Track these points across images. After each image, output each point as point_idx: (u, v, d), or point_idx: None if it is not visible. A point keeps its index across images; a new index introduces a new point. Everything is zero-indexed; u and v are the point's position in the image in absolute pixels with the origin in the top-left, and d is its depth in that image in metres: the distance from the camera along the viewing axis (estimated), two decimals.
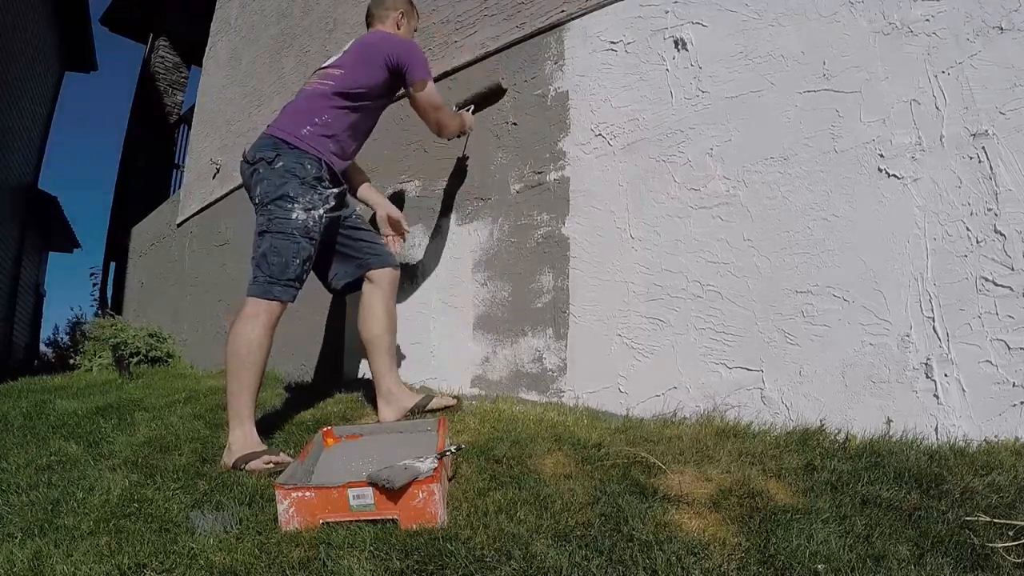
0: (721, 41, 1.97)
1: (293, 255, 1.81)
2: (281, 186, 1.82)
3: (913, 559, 1.04)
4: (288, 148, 1.87)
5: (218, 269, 4.34)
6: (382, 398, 2.04)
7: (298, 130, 1.90)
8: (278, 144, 1.88)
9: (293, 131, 1.90)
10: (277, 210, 1.81)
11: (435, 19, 2.86)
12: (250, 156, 1.91)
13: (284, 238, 1.81)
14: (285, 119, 1.95)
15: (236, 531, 1.27)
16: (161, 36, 7.74)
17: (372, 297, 2.08)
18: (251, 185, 1.91)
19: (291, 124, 1.92)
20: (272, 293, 1.79)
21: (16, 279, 9.87)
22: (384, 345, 2.06)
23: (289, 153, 1.87)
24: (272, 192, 1.82)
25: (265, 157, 1.86)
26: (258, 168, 1.87)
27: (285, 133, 1.90)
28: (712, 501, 1.28)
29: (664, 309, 2.01)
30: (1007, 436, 1.44)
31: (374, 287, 2.08)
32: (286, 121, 1.94)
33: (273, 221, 1.81)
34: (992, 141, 1.53)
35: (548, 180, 2.34)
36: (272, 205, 1.82)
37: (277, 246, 1.80)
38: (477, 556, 1.09)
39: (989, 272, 1.51)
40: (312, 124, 1.92)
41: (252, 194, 1.91)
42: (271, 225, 1.81)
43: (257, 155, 1.88)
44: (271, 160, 1.85)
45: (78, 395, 2.91)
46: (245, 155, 1.94)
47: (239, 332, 1.75)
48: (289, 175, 1.84)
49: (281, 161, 1.85)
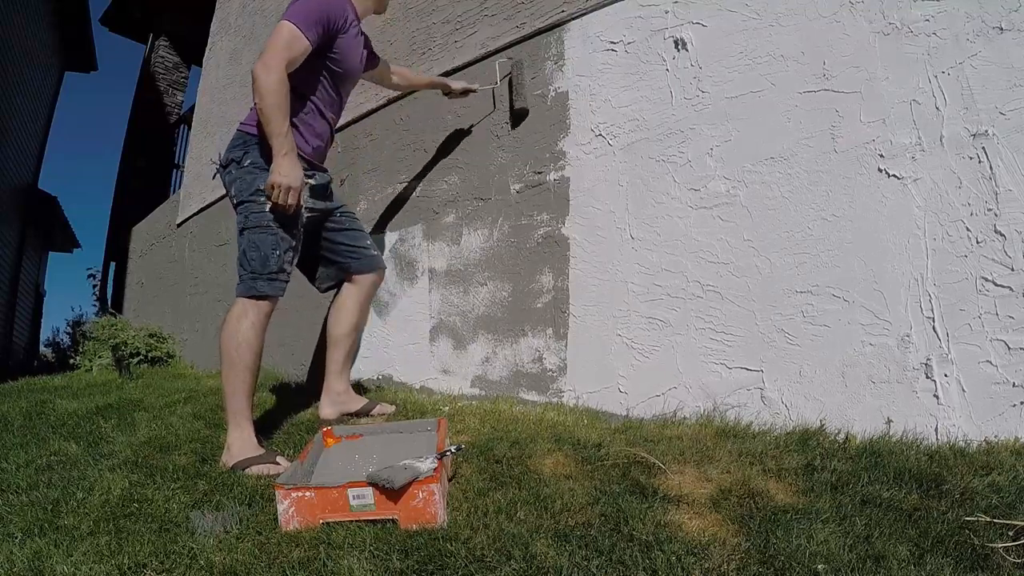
0: (721, 41, 1.97)
1: (272, 247, 1.77)
2: (253, 182, 1.79)
3: (913, 559, 1.04)
4: (255, 141, 1.82)
5: (218, 269, 4.33)
6: (328, 396, 2.07)
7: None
8: (247, 140, 1.84)
9: (253, 121, 1.84)
10: (252, 206, 1.79)
11: (435, 19, 2.86)
12: (223, 159, 1.87)
13: (261, 231, 1.78)
14: (250, 111, 1.89)
15: (236, 531, 1.27)
16: (161, 36, 7.75)
17: (349, 297, 2.09)
18: (227, 186, 1.88)
19: (251, 115, 1.86)
20: (257, 289, 1.76)
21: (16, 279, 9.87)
22: (347, 345, 2.09)
23: (256, 147, 1.82)
24: (246, 189, 1.80)
25: (235, 157, 1.83)
26: (230, 169, 1.84)
27: (249, 126, 1.85)
28: (712, 501, 1.28)
29: (664, 309, 2.01)
30: (1007, 436, 1.45)
31: (353, 287, 2.09)
32: (250, 113, 1.88)
33: (249, 218, 1.79)
34: (992, 141, 1.53)
35: (548, 180, 2.34)
36: (247, 201, 1.80)
37: (255, 240, 1.77)
38: (477, 556, 1.09)
39: (989, 272, 1.51)
40: None
41: (228, 194, 1.89)
42: (248, 222, 1.79)
43: (229, 156, 1.85)
44: (240, 159, 1.82)
45: (78, 395, 2.91)
46: (217, 158, 1.90)
47: (229, 333, 1.74)
48: (258, 170, 1.80)
49: (249, 158, 1.81)
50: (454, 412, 2.04)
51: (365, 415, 2.06)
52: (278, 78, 1.69)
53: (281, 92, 1.70)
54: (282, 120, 1.71)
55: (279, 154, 1.71)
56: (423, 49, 2.89)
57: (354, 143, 3.12)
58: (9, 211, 9.12)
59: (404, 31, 2.98)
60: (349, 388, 2.13)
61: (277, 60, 1.69)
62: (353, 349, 2.13)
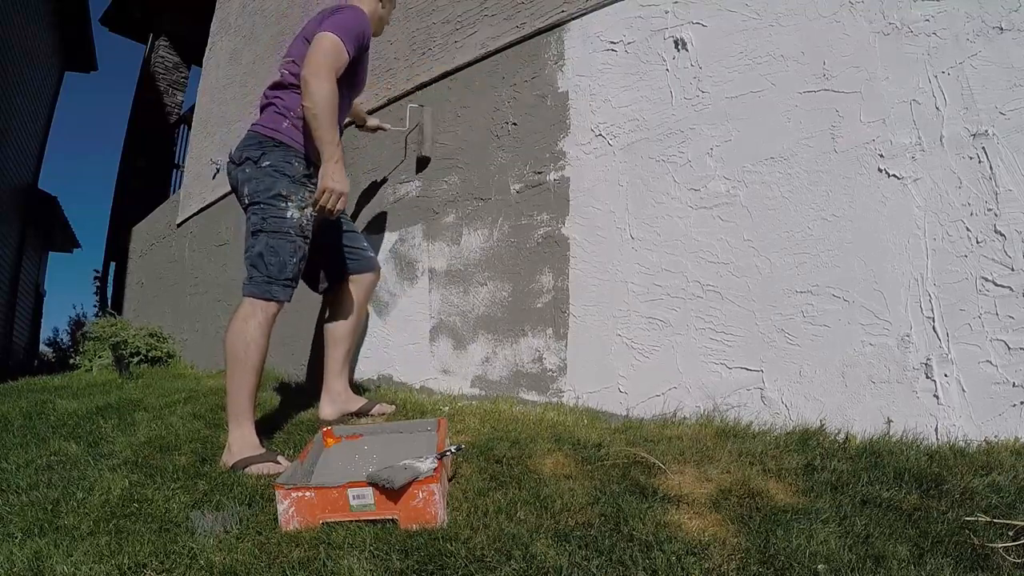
0: (721, 41, 1.97)
1: (290, 254, 1.80)
2: (272, 185, 1.81)
3: (913, 559, 1.04)
4: (273, 144, 1.85)
5: (218, 269, 4.34)
6: (327, 395, 2.10)
7: (279, 124, 1.87)
8: (263, 141, 1.86)
9: (275, 126, 1.87)
10: (271, 209, 1.80)
11: (435, 19, 2.86)
12: (236, 156, 1.88)
13: (281, 237, 1.80)
14: (266, 114, 1.92)
15: (236, 531, 1.27)
16: (161, 36, 7.75)
17: (348, 297, 2.11)
18: (238, 184, 1.88)
19: (271, 119, 1.89)
20: (271, 293, 1.78)
21: (16, 279, 9.87)
22: (346, 345, 2.12)
23: (275, 151, 1.84)
24: (264, 191, 1.81)
25: (251, 156, 1.84)
26: (244, 167, 1.85)
27: (268, 129, 1.87)
28: (712, 501, 1.28)
29: (664, 309, 2.01)
30: (1007, 436, 1.45)
31: (352, 287, 2.12)
32: (267, 116, 1.91)
33: (268, 220, 1.80)
34: (992, 141, 1.53)
35: (548, 180, 2.34)
36: (265, 204, 1.80)
37: (274, 245, 1.79)
38: (477, 556, 1.09)
39: (989, 272, 1.51)
40: (287, 118, 1.88)
41: (240, 193, 1.89)
42: (266, 224, 1.80)
43: (243, 155, 1.86)
44: (257, 159, 1.83)
45: (78, 395, 2.91)
46: (231, 154, 1.91)
47: (236, 332, 1.75)
48: (279, 174, 1.82)
49: (268, 160, 1.82)
50: (454, 412, 2.04)
51: (365, 415, 2.07)
52: (331, 88, 1.75)
53: (333, 101, 1.76)
54: (333, 128, 1.76)
55: (331, 160, 1.75)
56: (423, 49, 2.89)
57: (354, 143, 3.12)
58: (9, 211, 9.12)
59: (404, 31, 2.98)
60: (349, 388, 2.14)
61: (328, 70, 1.75)
62: (353, 349, 2.15)
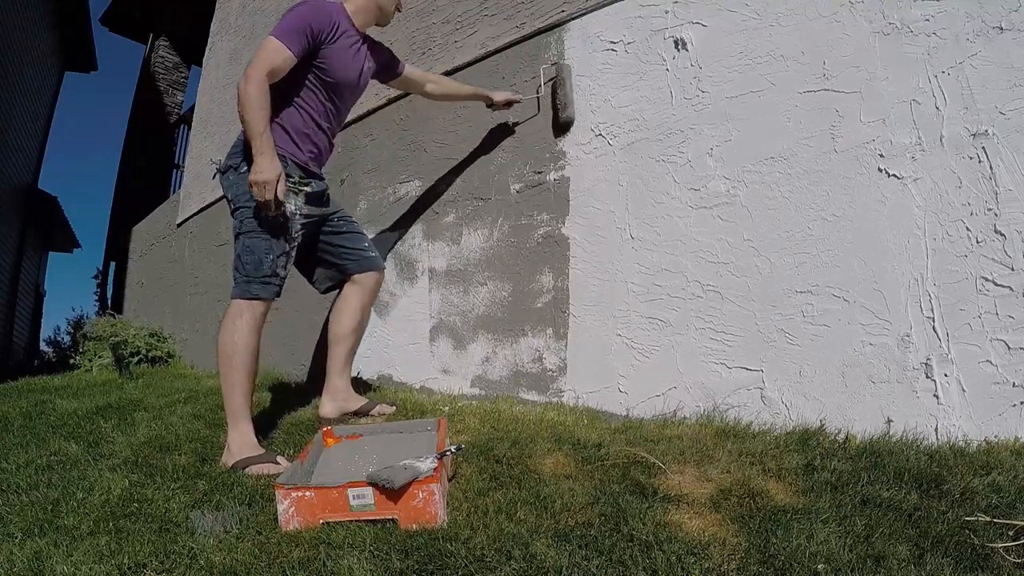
0: (721, 41, 1.97)
1: (265, 251, 1.81)
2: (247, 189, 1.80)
3: (913, 559, 1.04)
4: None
5: (218, 269, 4.33)
6: (329, 394, 2.10)
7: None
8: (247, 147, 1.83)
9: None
10: (247, 211, 1.82)
11: (435, 19, 2.86)
12: (222, 164, 1.91)
13: (255, 236, 1.81)
14: None
15: (236, 531, 1.27)
16: (161, 36, 7.75)
17: (350, 297, 2.11)
18: (225, 191, 1.91)
19: None
20: (251, 292, 1.80)
21: (16, 279, 9.87)
22: (349, 344, 2.12)
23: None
24: (243, 195, 1.82)
25: (233, 164, 1.86)
26: (228, 175, 1.88)
27: None
28: (712, 501, 1.28)
29: (664, 309, 2.01)
30: (1007, 436, 1.45)
31: (356, 287, 2.11)
32: None
33: (244, 223, 1.83)
34: (992, 141, 1.53)
35: (548, 180, 2.34)
36: (244, 207, 1.83)
37: (249, 245, 1.81)
38: (477, 556, 1.09)
39: (989, 272, 1.51)
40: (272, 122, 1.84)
41: (227, 198, 1.92)
42: (243, 227, 1.83)
43: (227, 163, 1.89)
44: (237, 166, 1.85)
45: (78, 395, 2.91)
46: (218, 162, 1.93)
47: (225, 333, 1.78)
48: None
49: (247, 164, 1.82)
50: (454, 412, 2.04)
51: (365, 415, 2.07)
52: (257, 89, 1.75)
53: (258, 100, 1.75)
54: (258, 122, 1.75)
55: (257, 153, 1.74)
56: (423, 49, 2.89)
57: (354, 143, 3.12)
58: (9, 211, 9.12)
59: (404, 31, 2.98)
60: (350, 387, 2.14)
61: (255, 71, 1.75)
62: (354, 349, 2.15)
